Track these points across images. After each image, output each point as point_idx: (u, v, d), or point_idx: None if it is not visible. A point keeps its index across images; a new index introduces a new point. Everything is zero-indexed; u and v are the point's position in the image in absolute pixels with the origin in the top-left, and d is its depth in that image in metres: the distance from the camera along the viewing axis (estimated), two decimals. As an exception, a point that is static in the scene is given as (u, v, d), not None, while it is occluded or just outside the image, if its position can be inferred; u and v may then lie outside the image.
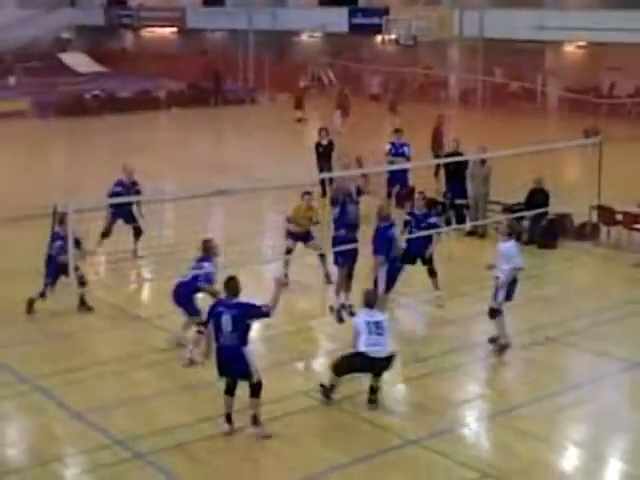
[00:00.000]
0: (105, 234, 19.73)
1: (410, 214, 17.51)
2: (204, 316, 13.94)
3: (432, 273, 17.13)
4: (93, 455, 11.62)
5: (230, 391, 12.04)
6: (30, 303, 16.35)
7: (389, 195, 22.97)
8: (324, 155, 25.75)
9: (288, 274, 17.71)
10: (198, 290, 14.61)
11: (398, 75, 48.63)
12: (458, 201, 22.00)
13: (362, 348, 12.59)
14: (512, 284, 14.77)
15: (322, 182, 25.53)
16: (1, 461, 11.61)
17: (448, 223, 22.05)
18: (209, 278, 14.58)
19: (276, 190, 22.97)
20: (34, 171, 30.32)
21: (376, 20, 47.18)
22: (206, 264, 14.64)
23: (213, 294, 14.44)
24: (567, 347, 15.29)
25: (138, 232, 19.91)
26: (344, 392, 13.11)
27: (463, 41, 45.78)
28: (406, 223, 17.31)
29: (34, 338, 15.38)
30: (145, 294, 18.38)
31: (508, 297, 14.79)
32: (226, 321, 11.82)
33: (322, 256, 17.89)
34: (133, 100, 46.47)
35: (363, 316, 12.93)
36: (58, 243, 15.93)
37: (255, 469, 11.32)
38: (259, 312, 11.97)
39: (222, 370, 12.02)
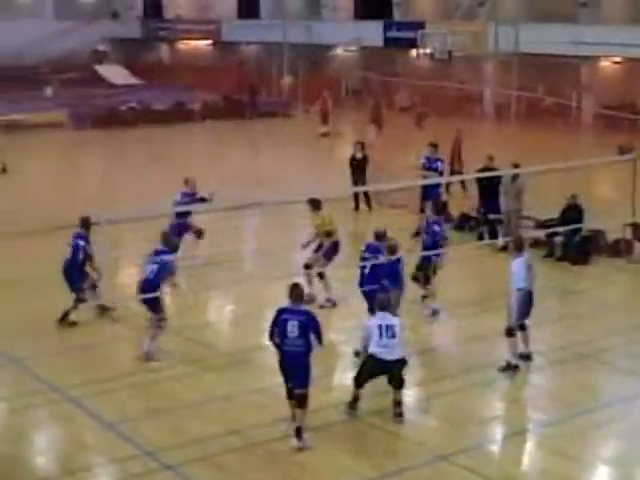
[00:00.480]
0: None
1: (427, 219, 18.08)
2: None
3: (416, 279, 17.01)
4: (122, 465, 11.67)
5: (293, 395, 12.22)
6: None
7: (422, 210, 22.89)
8: (358, 169, 25.78)
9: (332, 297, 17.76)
10: (162, 281, 14.98)
11: (429, 89, 48.48)
12: (491, 216, 21.91)
13: (373, 349, 12.73)
14: (525, 302, 14.48)
15: (355, 196, 25.59)
16: (31, 469, 11.71)
17: (481, 238, 22.02)
18: (171, 269, 15.04)
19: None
20: (69, 182, 30.54)
21: (411, 34, 47.19)
22: (166, 256, 15.04)
23: (174, 286, 15.29)
24: (599, 365, 15.17)
25: (199, 234, 20.27)
26: (373, 407, 13.10)
27: (498, 56, 45.67)
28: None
29: (64, 348, 15.46)
30: (175, 305, 18.39)
31: (522, 315, 14.49)
32: (292, 327, 12.05)
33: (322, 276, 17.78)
34: (168, 112, 46.71)
35: (376, 319, 12.99)
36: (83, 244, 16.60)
37: (285, 482, 11.32)
38: (318, 334, 12.19)
39: (286, 375, 12.22)
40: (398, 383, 12.88)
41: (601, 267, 20.46)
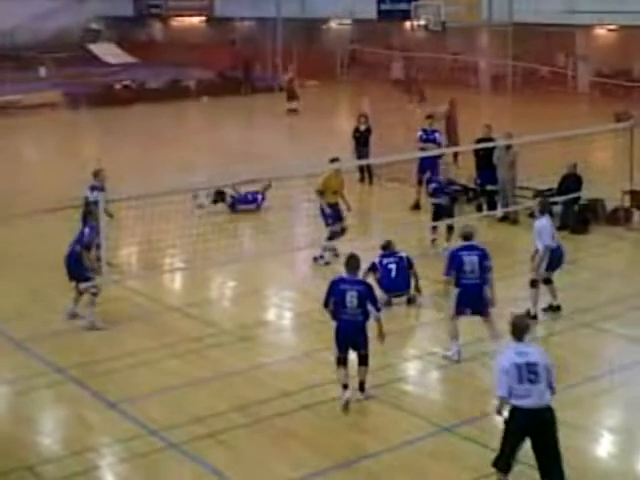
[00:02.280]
0: None
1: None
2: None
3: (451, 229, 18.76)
4: (127, 445, 11.68)
5: (344, 363, 12.47)
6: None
7: (420, 182, 22.88)
8: (361, 141, 25.82)
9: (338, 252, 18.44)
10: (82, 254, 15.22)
11: (424, 61, 48.31)
12: (489, 187, 21.88)
13: (512, 401, 9.80)
14: (554, 256, 15.23)
15: (361, 168, 25.66)
16: (37, 450, 11.71)
17: (479, 209, 22.00)
18: (88, 241, 15.22)
19: (308, 178, 22.89)
20: (65, 162, 30.46)
21: (404, 6, 46.98)
22: (87, 229, 15.35)
23: (90, 259, 15.25)
24: (600, 332, 15.19)
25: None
26: (374, 381, 13.09)
27: (492, 26, 45.50)
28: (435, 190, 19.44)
29: (67, 328, 15.44)
30: (177, 283, 18.43)
31: (550, 267, 15.27)
32: (351, 297, 12.29)
33: (342, 231, 18.58)
34: (163, 90, 46.59)
35: (511, 354, 9.87)
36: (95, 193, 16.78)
37: (287, 457, 11.30)
38: (374, 303, 12.49)
39: (343, 344, 12.46)
40: (553, 461, 9.78)
41: (600, 236, 20.46)
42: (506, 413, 9.93)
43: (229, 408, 12.45)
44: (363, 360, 12.59)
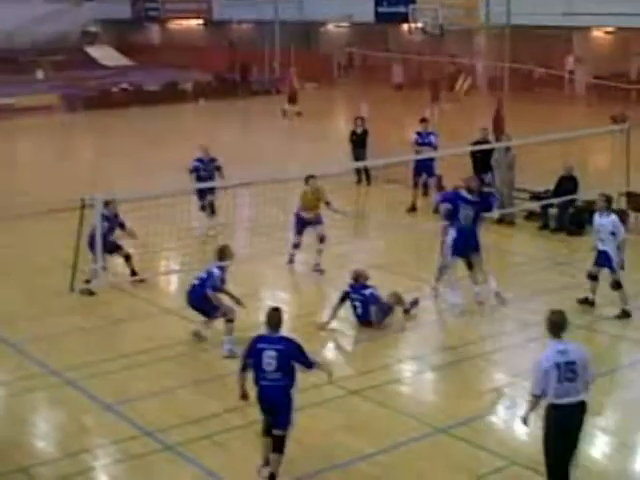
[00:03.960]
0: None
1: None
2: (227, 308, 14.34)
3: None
4: (122, 446, 11.67)
5: (269, 432, 10.67)
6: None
7: (416, 185, 22.92)
8: (358, 143, 25.87)
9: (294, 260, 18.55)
10: (207, 295, 14.43)
11: (429, 64, 48.29)
12: (486, 189, 21.86)
13: (550, 399, 9.71)
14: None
15: (357, 170, 25.69)
16: (32, 453, 11.69)
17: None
18: (215, 284, 14.41)
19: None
20: (63, 165, 30.48)
21: (402, 9, 47.04)
22: (215, 270, 14.48)
23: (220, 300, 14.42)
24: (597, 334, 15.21)
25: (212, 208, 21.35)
26: (369, 382, 13.11)
27: (490, 29, 45.49)
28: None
29: (63, 331, 15.44)
30: (172, 285, 18.42)
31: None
32: (269, 358, 10.34)
33: (322, 241, 18.19)
34: (160, 93, 46.62)
35: (552, 352, 9.76)
36: (105, 224, 16.39)
37: (284, 460, 11.29)
38: (304, 360, 10.59)
39: (264, 411, 10.71)
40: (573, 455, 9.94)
41: (597, 237, 20.43)
42: (531, 423, 9.99)
43: (224, 410, 12.44)
44: (276, 444, 10.45)
